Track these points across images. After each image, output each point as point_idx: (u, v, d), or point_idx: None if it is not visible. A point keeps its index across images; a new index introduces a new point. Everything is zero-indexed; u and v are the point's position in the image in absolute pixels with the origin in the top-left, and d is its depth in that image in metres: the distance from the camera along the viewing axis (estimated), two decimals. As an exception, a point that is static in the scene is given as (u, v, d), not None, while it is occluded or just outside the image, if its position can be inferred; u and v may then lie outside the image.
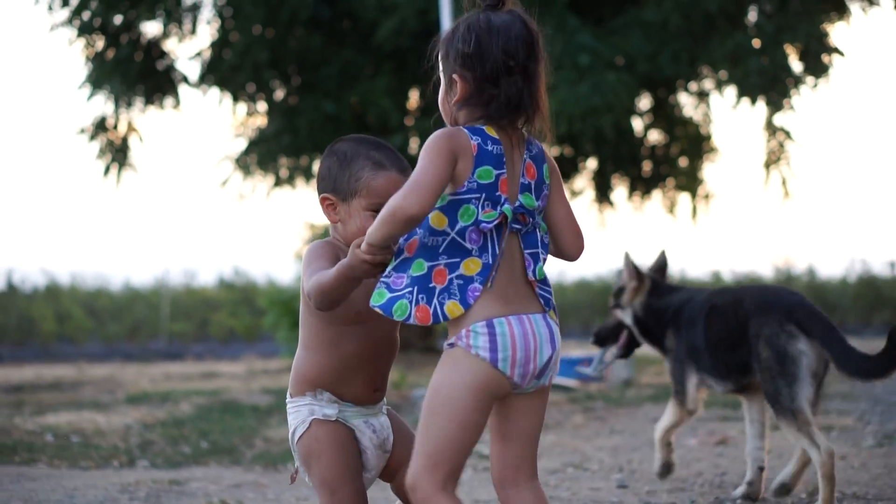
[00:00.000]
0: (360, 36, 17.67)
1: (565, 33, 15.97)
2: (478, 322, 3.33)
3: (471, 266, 3.35)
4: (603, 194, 19.09)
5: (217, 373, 17.90)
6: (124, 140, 18.12)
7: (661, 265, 6.76)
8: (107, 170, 18.05)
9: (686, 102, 18.83)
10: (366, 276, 3.44)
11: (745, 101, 15.97)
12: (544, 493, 3.60)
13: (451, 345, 3.38)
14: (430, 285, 3.34)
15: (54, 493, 6.89)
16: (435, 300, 3.34)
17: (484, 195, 3.32)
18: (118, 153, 18.06)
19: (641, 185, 19.04)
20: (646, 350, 6.39)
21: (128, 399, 13.20)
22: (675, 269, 29.92)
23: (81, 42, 17.55)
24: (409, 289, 3.35)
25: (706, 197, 18.83)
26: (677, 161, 18.83)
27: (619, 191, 19.40)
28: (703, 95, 18.39)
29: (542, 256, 3.47)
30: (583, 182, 19.49)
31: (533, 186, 3.43)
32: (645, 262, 6.87)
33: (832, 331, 5.55)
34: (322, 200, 3.84)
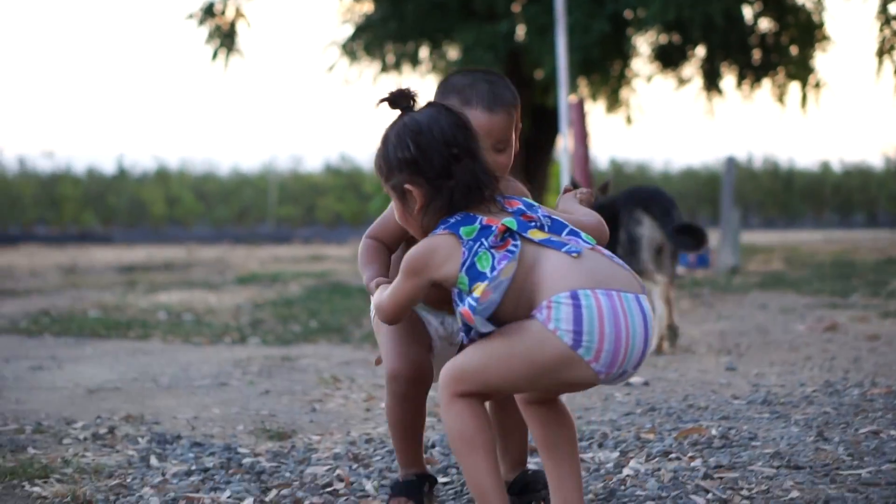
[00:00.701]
0: (469, -79, 17.53)
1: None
2: (561, 293, 3.04)
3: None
4: (711, 82, 18.85)
5: (324, 256, 18.09)
6: (232, 25, 18.18)
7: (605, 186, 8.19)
8: (215, 55, 18.15)
9: (798, -11, 18.49)
10: None
11: (859, -13, 15.64)
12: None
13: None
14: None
15: (169, 367, 7.03)
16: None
17: (482, 237, 3.13)
18: (226, 38, 18.14)
19: (751, 74, 18.77)
20: (754, 238, 6.39)
21: (237, 280, 13.39)
22: (783, 159, 29.62)
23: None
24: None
25: (817, 86, 18.53)
26: (788, 49, 18.51)
27: (728, 79, 19.16)
28: (815, -19, 18.05)
29: (579, 232, 3.23)
30: (691, 70, 19.27)
31: (524, 208, 3.26)
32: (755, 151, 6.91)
33: (668, 215, 7.40)
34: None
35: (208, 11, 18.04)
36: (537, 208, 3.28)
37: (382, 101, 3.37)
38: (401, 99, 3.36)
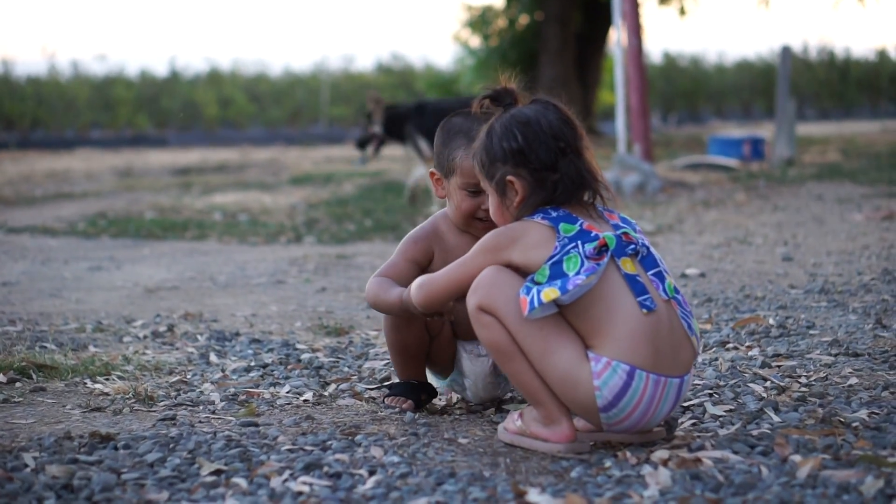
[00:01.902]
0: None
1: None
2: (623, 362, 3.08)
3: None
4: (766, -29, 18.61)
5: (377, 155, 18.07)
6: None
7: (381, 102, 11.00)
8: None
9: None
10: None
11: None
12: None
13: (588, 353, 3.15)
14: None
15: (226, 266, 7.08)
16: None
17: (579, 240, 3.12)
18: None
19: (807, -39, 18.52)
20: (809, 130, 6.35)
21: (291, 180, 13.43)
22: (839, 48, 29.23)
23: None
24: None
25: (874, -28, 18.27)
26: (845, -65, 18.25)
27: (784, -33, 18.90)
28: None
29: (667, 276, 3.22)
30: (746, -42, 19.01)
31: (622, 223, 3.24)
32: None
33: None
34: (430, 175, 3.75)
35: None
36: (636, 226, 3.28)
37: (485, 97, 3.36)
38: (504, 95, 3.34)
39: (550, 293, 3.07)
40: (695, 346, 3.19)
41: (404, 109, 10.92)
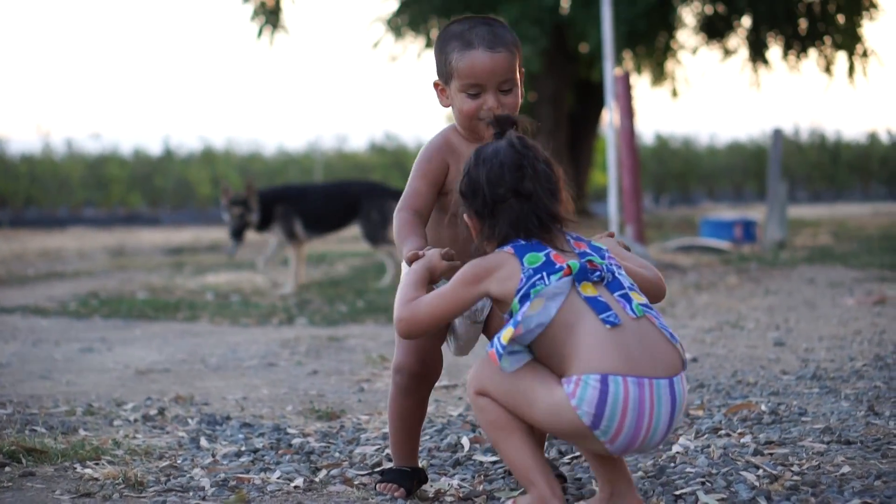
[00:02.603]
0: None
1: None
2: (592, 374, 3.07)
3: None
4: (757, 53, 18.73)
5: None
6: (277, 2, 18.21)
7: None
8: (260, 32, 18.17)
9: (846, -43, 18.32)
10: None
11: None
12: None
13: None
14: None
15: (218, 348, 7.06)
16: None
17: (544, 272, 3.14)
18: (271, 15, 18.15)
19: (797, 44, 18.63)
20: (800, 212, 6.36)
21: (284, 260, 13.41)
22: (830, 130, 29.39)
23: None
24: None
25: (864, 55, 18.37)
26: (835, 18, 18.36)
27: (774, 50, 19.03)
28: (863, -51, 17.87)
29: (634, 297, 3.21)
30: (736, 41, 19.15)
31: (591, 251, 3.26)
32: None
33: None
34: (434, 86, 3.76)
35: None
36: (605, 253, 3.29)
37: (489, 122, 3.39)
38: (502, 123, 3.37)
39: (507, 334, 3.11)
40: (679, 351, 3.19)
41: (272, 193, 11.08)
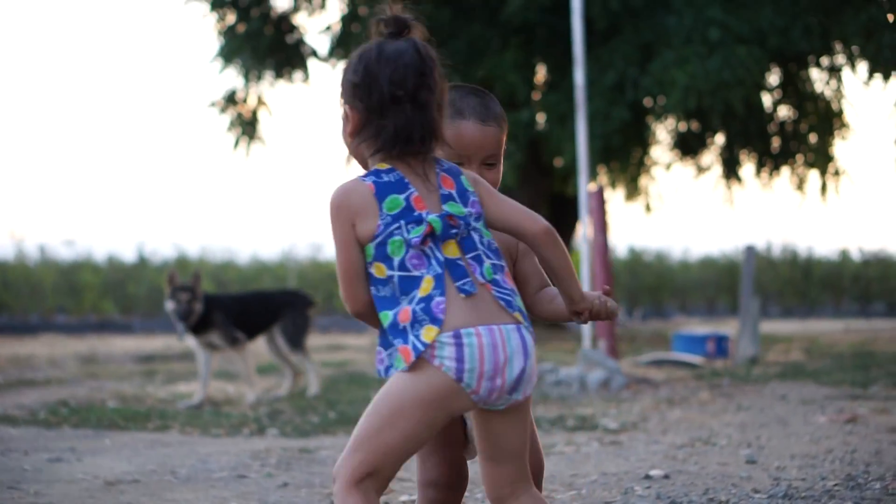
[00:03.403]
0: (488, 10, 17.70)
1: (695, 7, 15.87)
2: (445, 333, 3.12)
3: (425, 286, 3.17)
4: (731, 170, 18.94)
5: (343, 345, 18.08)
6: (254, 113, 18.37)
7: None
8: (236, 143, 18.32)
9: (817, 78, 18.58)
10: None
11: (878, 77, 15.66)
12: (542, 496, 3.40)
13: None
14: (401, 327, 3.15)
15: (188, 459, 7.02)
16: (410, 336, 3.14)
17: (403, 220, 3.16)
18: (247, 126, 18.31)
19: (770, 162, 18.85)
20: (773, 327, 6.37)
21: (256, 370, 13.37)
22: (802, 247, 29.57)
23: (214, 16, 17.82)
24: (389, 348, 3.20)
25: (836, 174, 18.59)
26: (807, 137, 18.61)
27: (748, 167, 19.22)
28: (834, 70, 18.13)
29: (486, 259, 3.24)
30: (710, 158, 19.36)
31: (456, 195, 3.26)
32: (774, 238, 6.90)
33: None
34: None
35: (230, 100, 18.23)
36: (471, 197, 3.29)
37: (378, 20, 3.33)
38: (393, 23, 3.31)
39: (428, 331, 3.12)
40: (516, 317, 3.20)
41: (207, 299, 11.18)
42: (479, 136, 3.60)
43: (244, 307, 11.38)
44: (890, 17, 15.45)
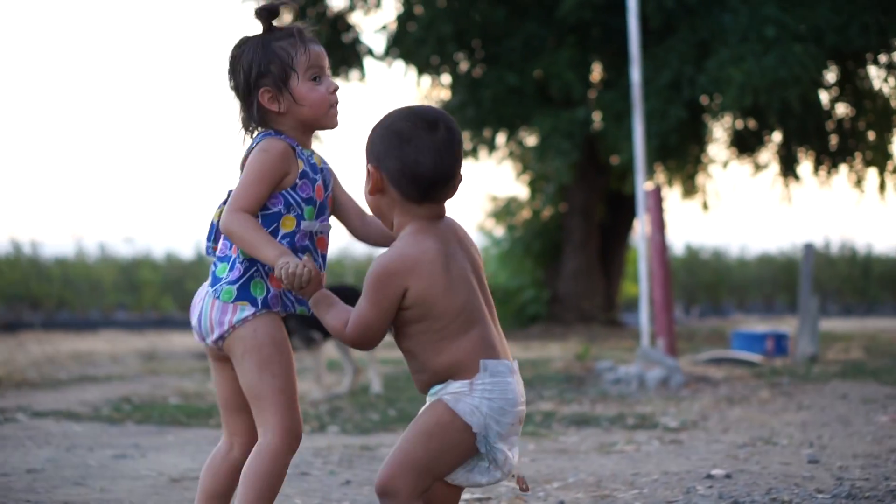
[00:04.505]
0: (543, 8, 17.70)
1: (751, 5, 15.82)
2: None
3: None
4: (788, 168, 18.84)
5: (400, 343, 18.08)
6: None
7: None
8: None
9: (874, 75, 18.47)
10: None
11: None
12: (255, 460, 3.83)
13: None
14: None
15: (251, 456, 7.07)
16: None
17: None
18: (304, 125, 18.38)
19: (828, 159, 18.75)
20: (832, 325, 6.35)
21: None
22: (861, 244, 29.39)
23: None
24: None
25: (894, 171, 18.47)
26: (865, 135, 18.49)
27: (805, 164, 19.13)
28: (892, 68, 18.01)
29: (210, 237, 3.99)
30: (767, 156, 19.27)
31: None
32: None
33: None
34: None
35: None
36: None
37: (257, 11, 3.85)
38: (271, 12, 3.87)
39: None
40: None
41: None
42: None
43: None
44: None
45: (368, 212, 3.78)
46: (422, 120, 3.55)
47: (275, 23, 3.84)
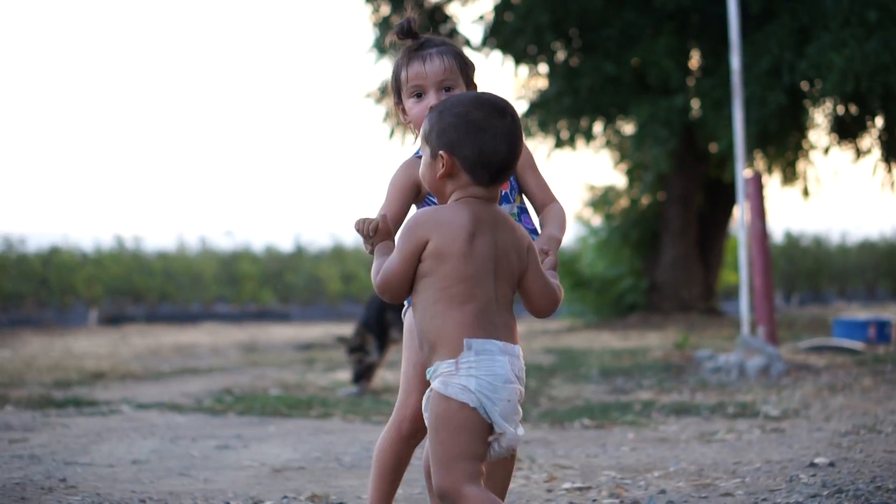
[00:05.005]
0: (641, -4, 17.60)
1: (853, -12, 15.60)
2: None
3: None
4: (890, 153, 18.55)
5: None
6: (409, 105, 18.49)
7: None
8: (391, 133, 18.46)
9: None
10: None
11: None
12: None
13: None
14: None
15: (351, 446, 7.12)
16: None
17: None
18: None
19: (932, 144, 18.45)
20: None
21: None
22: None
23: (369, 8, 17.99)
24: None
25: None
26: (970, 119, 18.18)
27: (908, 150, 18.84)
28: None
29: None
30: (869, 141, 19.01)
31: None
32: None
33: None
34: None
35: (385, 91, 18.36)
36: None
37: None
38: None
39: None
40: None
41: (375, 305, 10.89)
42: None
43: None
44: None
45: None
46: (494, 109, 3.67)
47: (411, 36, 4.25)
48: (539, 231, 4.09)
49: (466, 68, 4.17)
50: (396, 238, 3.66)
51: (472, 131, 3.62)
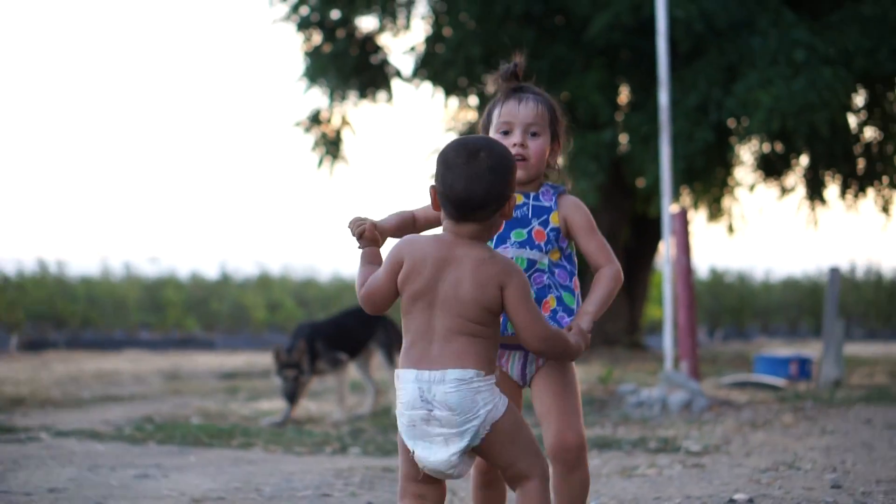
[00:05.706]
0: (572, 31, 17.68)
1: (781, 28, 15.77)
2: None
3: None
4: (815, 191, 18.76)
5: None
6: (338, 133, 18.49)
7: None
8: (320, 162, 18.44)
9: (903, 99, 18.38)
10: None
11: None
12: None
13: None
14: None
15: (272, 477, 7.07)
16: None
17: None
18: (331, 146, 18.43)
19: (855, 183, 18.65)
20: (856, 350, 6.33)
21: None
22: (887, 269, 29.26)
23: (300, 37, 17.98)
24: None
25: (922, 196, 18.37)
26: (893, 159, 18.40)
27: (832, 188, 19.05)
28: (921, 92, 17.94)
29: None
30: (794, 179, 19.20)
31: None
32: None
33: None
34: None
35: (314, 119, 18.37)
36: None
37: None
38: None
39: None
40: None
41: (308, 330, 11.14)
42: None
43: (341, 328, 11.30)
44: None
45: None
46: (466, 151, 3.97)
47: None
48: (573, 286, 4.60)
49: (556, 122, 4.48)
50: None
51: (443, 169, 3.96)
